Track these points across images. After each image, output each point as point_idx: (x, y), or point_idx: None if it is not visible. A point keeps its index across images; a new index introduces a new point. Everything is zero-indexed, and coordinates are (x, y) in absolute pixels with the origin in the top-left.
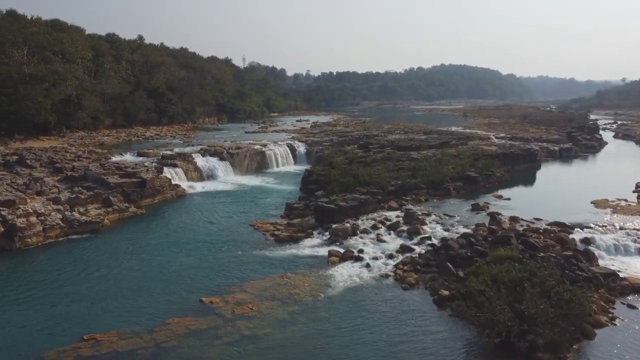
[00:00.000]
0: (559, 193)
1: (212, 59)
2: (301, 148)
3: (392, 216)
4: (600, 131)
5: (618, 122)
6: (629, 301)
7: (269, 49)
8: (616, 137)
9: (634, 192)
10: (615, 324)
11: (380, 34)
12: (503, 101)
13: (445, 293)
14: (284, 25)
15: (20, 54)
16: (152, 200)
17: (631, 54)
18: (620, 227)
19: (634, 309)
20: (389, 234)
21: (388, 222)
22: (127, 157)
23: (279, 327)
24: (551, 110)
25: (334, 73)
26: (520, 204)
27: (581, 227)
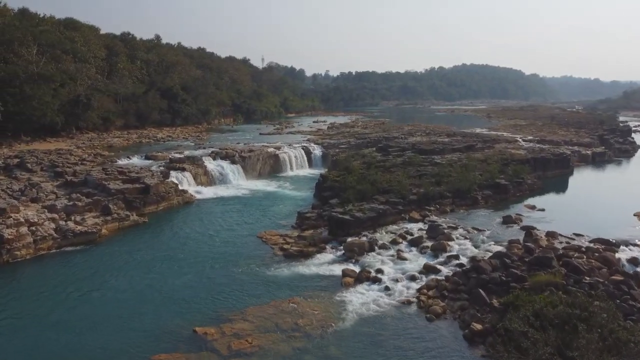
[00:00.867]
0: (596, 203)
1: (229, 59)
2: (317, 151)
3: (414, 229)
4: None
5: None
6: None
7: (288, 49)
8: None
9: None
10: None
11: (400, 34)
12: (526, 101)
13: (477, 327)
14: (303, 26)
15: (29, 53)
16: (157, 208)
17: None
18: None
19: None
20: (411, 250)
21: (410, 237)
22: (134, 160)
23: None
24: (578, 111)
25: (353, 73)
26: (555, 216)
27: (627, 244)
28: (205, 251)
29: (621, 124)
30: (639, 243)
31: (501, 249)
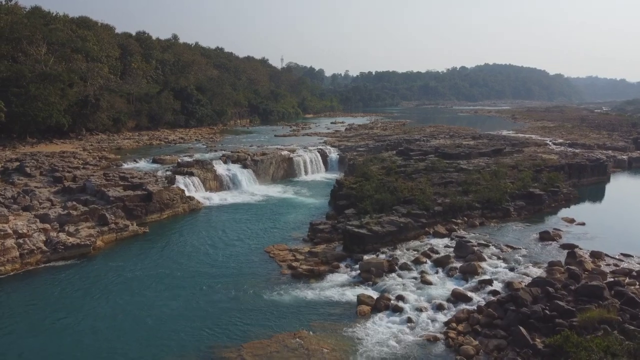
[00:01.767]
0: None
1: (248, 59)
2: (333, 154)
3: (439, 245)
4: None
5: None
6: None
7: (308, 50)
8: None
9: None
10: None
11: (422, 33)
12: (551, 102)
13: None
14: (324, 26)
15: (38, 52)
16: (160, 216)
17: None
18: None
19: None
20: (437, 272)
21: (435, 255)
22: (140, 164)
23: None
24: (607, 113)
25: (373, 73)
26: (597, 232)
27: None
28: (205, 268)
29: None
30: None
31: (541, 272)
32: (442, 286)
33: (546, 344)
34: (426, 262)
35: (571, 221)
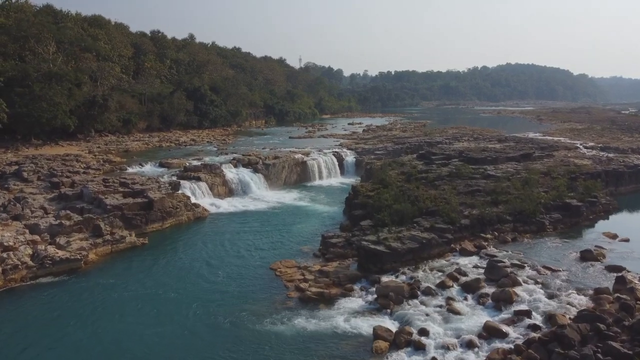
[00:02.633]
0: None
1: (265, 59)
2: (349, 157)
3: (467, 265)
4: None
5: None
6: None
7: (327, 49)
8: None
9: None
10: None
11: (442, 32)
12: (575, 103)
13: None
14: (343, 26)
15: (46, 51)
16: (162, 225)
17: None
18: None
19: None
20: (465, 298)
21: (463, 278)
22: (146, 168)
23: None
24: (636, 114)
25: (392, 72)
26: None
27: None
28: (203, 289)
29: None
30: None
31: (586, 300)
32: (472, 317)
33: None
34: (453, 286)
35: (614, 237)
